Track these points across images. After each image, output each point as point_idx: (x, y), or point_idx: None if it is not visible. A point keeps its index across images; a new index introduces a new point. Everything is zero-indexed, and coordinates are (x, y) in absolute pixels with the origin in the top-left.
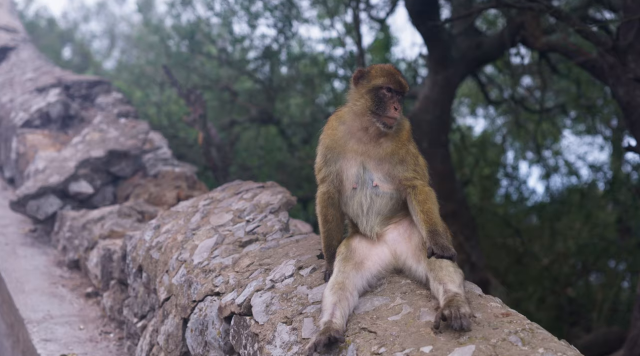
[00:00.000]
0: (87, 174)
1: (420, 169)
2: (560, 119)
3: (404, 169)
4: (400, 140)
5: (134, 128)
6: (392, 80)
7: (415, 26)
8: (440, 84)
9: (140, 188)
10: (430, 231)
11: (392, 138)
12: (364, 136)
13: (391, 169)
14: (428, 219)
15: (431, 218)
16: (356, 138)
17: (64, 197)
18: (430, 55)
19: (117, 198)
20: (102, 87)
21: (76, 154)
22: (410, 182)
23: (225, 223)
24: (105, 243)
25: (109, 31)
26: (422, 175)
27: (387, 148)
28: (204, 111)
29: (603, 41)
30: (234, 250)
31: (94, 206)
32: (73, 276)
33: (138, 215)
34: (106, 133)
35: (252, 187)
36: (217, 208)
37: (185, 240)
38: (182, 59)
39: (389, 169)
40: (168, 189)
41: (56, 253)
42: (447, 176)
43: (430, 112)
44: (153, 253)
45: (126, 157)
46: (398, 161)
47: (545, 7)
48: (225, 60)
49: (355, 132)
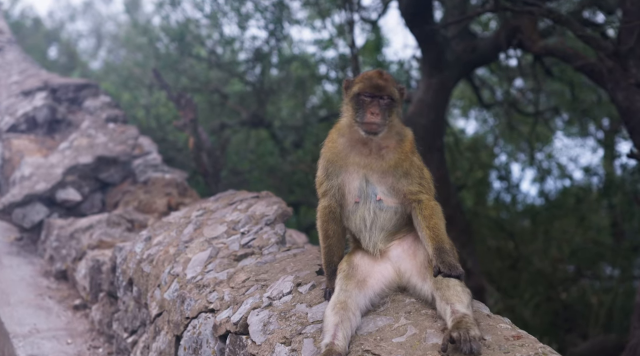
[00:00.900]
0: (74, 181)
1: (425, 182)
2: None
3: (408, 182)
4: (404, 152)
5: (123, 134)
6: (368, 85)
7: (409, 29)
8: (435, 87)
9: (129, 195)
10: (436, 248)
11: (395, 149)
12: (365, 148)
13: (395, 182)
14: (434, 235)
15: (437, 234)
16: (357, 150)
17: (51, 205)
18: (425, 58)
19: (106, 205)
20: (90, 90)
21: (63, 160)
22: (416, 195)
23: (219, 236)
24: (94, 253)
25: (95, 31)
26: (428, 189)
27: (390, 161)
28: (194, 115)
29: (604, 46)
30: (229, 264)
31: (82, 214)
32: (60, 287)
33: (127, 223)
34: (94, 139)
35: (247, 197)
36: (210, 219)
37: (177, 252)
38: (171, 61)
39: (393, 182)
40: (158, 196)
41: (43, 262)
42: (443, 181)
43: (425, 115)
44: (144, 267)
45: (115, 163)
46: (402, 174)
47: (545, 11)
48: (215, 63)
49: (356, 144)
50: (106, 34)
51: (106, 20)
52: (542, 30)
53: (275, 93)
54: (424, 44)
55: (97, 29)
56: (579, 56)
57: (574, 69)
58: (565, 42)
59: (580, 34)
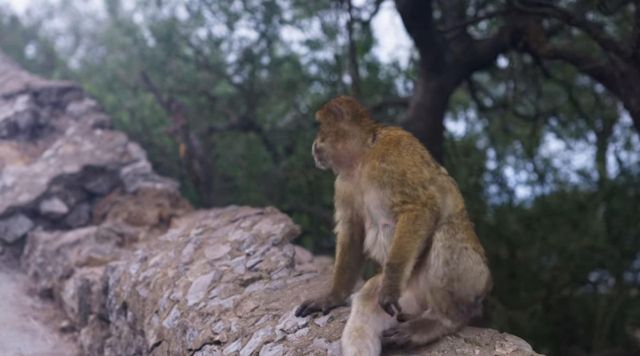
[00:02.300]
0: (60, 191)
1: (409, 189)
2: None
3: (389, 194)
4: (370, 162)
5: (111, 141)
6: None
7: (407, 30)
8: (433, 90)
9: (118, 206)
10: (384, 267)
11: (364, 163)
12: (350, 177)
13: (380, 200)
14: (390, 252)
15: (392, 250)
16: (347, 178)
17: (35, 217)
18: (423, 60)
19: (93, 217)
20: (73, 94)
21: (48, 169)
22: (401, 207)
23: (222, 257)
24: (82, 272)
25: (73, 29)
26: (414, 196)
27: (364, 178)
28: (186, 121)
29: (622, 49)
30: (235, 289)
31: (68, 226)
32: (46, 306)
33: (117, 237)
34: (81, 146)
35: (250, 214)
36: (211, 238)
37: (177, 275)
38: (157, 62)
39: (380, 201)
40: (149, 208)
41: (26, 279)
42: None
43: (423, 120)
44: (140, 290)
45: (103, 173)
46: (379, 187)
47: (559, 12)
48: (203, 64)
49: (345, 174)
50: (85, 32)
51: (84, 17)
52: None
53: (266, 96)
54: (422, 46)
55: (76, 27)
56: (589, 59)
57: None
58: (573, 44)
59: (597, 36)
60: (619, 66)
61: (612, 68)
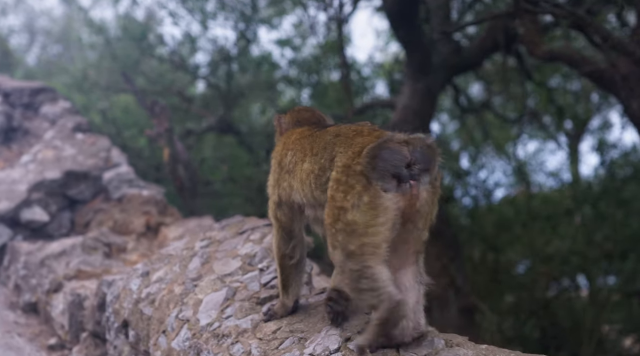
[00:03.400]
0: (41, 199)
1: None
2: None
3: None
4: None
5: (94, 145)
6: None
7: (394, 30)
8: (421, 92)
9: (102, 214)
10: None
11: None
12: None
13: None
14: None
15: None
16: None
17: (14, 226)
18: (409, 61)
19: (75, 225)
20: (46, 95)
21: (27, 175)
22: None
23: (233, 272)
24: (72, 286)
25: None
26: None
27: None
28: (169, 125)
29: (631, 51)
30: (251, 308)
31: (49, 235)
32: (30, 322)
33: (105, 247)
34: (61, 151)
35: (258, 225)
36: (219, 251)
37: (185, 292)
38: (130, 62)
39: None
40: (135, 215)
41: (7, 292)
42: None
43: (411, 123)
44: (144, 308)
45: (85, 179)
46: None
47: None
48: (179, 64)
49: None
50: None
51: (39, 15)
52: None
53: (244, 97)
54: (409, 46)
55: (30, 25)
56: (587, 61)
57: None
58: (571, 45)
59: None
60: (619, 69)
61: (612, 71)
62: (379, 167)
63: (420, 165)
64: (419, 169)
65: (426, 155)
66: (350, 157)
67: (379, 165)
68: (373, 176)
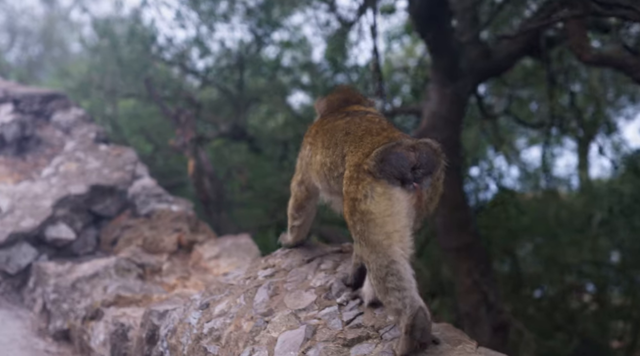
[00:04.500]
0: (66, 215)
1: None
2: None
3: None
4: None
5: (119, 157)
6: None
7: (421, 33)
8: (449, 98)
9: (130, 231)
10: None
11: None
12: None
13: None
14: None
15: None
16: None
17: (38, 244)
18: (437, 65)
19: (101, 243)
20: (58, 102)
21: (50, 190)
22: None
23: (307, 307)
24: (112, 313)
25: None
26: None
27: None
28: (195, 134)
29: None
30: (338, 351)
31: (74, 253)
32: (63, 351)
33: (138, 269)
34: (85, 164)
35: (326, 252)
36: (287, 282)
37: (256, 329)
38: (136, 66)
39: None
40: (166, 233)
41: (33, 317)
42: (460, 205)
43: (440, 131)
44: (208, 346)
45: (111, 193)
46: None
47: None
48: (190, 69)
49: None
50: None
51: (19, 14)
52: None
53: (258, 102)
54: (437, 51)
55: (11, 24)
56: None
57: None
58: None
59: None
60: None
61: None
62: (385, 170)
63: (424, 169)
64: (422, 173)
65: (431, 159)
66: (360, 158)
67: (385, 168)
68: (378, 176)
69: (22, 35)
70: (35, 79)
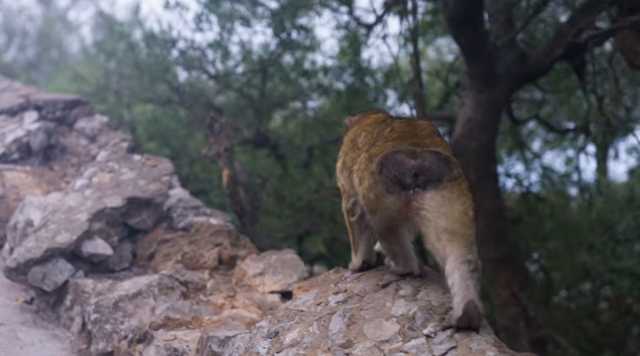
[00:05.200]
0: (102, 229)
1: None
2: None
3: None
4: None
5: (155, 168)
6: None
7: (455, 37)
8: (485, 105)
9: (168, 246)
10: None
11: None
12: None
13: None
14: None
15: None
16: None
17: (74, 260)
18: (472, 71)
19: (138, 258)
20: (83, 108)
21: (85, 202)
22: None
23: (391, 338)
24: (163, 337)
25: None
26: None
27: None
28: (230, 144)
29: None
30: None
31: (110, 269)
32: None
33: (182, 287)
34: (119, 175)
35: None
36: (364, 309)
37: None
38: (155, 70)
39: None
40: (206, 248)
41: (71, 337)
42: (498, 214)
43: (476, 138)
44: None
45: (148, 206)
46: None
47: None
48: (211, 74)
49: None
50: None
51: (17, 14)
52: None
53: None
54: (472, 55)
55: (8, 25)
56: None
57: None
58: None
59: None
60: None
61: None
62: (383, 174)
63: (427, 176)
64: (425, 179)
65: (436, 166)
66: (366, 160)
67: (383, 172)
68: (379, 179)
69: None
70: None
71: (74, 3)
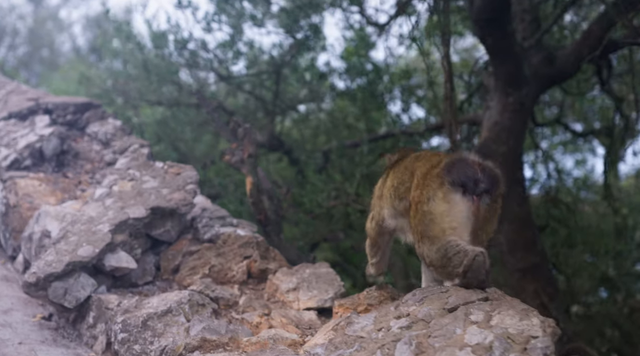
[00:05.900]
0: (125, 241)
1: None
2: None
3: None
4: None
5: (179, 176)
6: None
7: (481, 38)
8: (512, 108)
9: (194, 258)
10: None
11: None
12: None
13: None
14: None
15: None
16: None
17: (96, 274)
18: (498, 72)
19: (162, 271)
20: (95, 112)
21: (107, 213)
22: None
23: None
24: None
25: None
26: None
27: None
28: (254, 150)
29: None
30: None
31: (132, 283)
32: None
33: (212, 303)
34: (141, 183)
35: (472, 300)
36: (432, 337)
37: None
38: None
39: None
40: (235, 260)
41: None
42: (526, 221)
43: (504, 142)
44: None
45: (172, 216)
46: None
47: None
48: (223, 75)
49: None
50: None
51: (7, 13)
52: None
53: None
54: (499, 56)
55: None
56: None
57: None
58: None
59: None
60: None
61: None
62: (452, 173)
63: (485, 186)
64: (483, 189)
65: (493, 179)
66: (429, 168)
67: (452, 171)
68: (446, 178)
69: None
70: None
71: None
